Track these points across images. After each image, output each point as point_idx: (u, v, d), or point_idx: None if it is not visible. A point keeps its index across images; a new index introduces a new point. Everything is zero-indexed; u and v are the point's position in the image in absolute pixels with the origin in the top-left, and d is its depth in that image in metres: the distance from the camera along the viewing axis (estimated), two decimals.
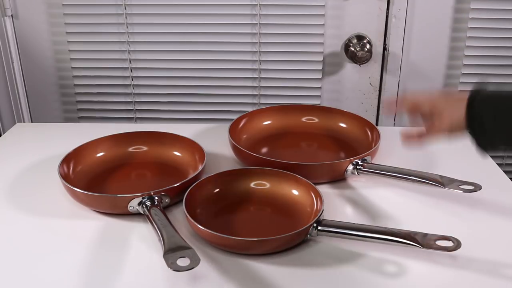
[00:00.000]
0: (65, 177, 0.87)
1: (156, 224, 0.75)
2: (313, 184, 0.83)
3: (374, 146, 0.95)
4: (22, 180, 0.94)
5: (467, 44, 1.32)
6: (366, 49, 1.33)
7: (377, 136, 0.99)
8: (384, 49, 1.36)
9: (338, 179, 0.93)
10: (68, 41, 1.37)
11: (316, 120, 1.10)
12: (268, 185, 0.88)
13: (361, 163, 0.91)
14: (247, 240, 0.74)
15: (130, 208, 0.81)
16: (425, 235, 0.73)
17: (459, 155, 1.02)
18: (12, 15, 1.36)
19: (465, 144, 1.06)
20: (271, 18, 1.33)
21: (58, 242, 0.78)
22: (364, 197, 0.89)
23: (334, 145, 1.05)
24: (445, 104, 0.80)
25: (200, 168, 0.88)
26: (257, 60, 1.37)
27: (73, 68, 1.40)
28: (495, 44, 1.32)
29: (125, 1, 1.32)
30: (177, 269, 0.64)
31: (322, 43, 1.35)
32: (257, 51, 1.36)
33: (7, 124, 1.42)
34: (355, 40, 1.34)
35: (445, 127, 0.79)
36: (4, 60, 1.37)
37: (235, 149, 0.97)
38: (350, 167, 0.91)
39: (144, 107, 1.44)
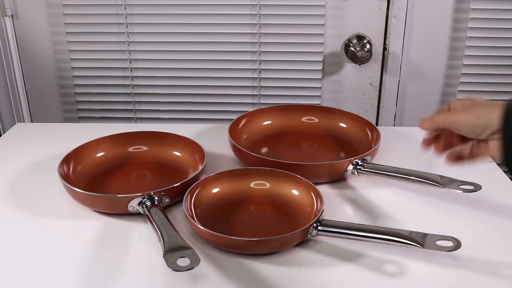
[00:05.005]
0: (65, 177, 0.87)
1: (156, 224, 0.75)
2: (313, 184, 0.83)
3: (374, 146, 0.95)
4: (22, 180, 0.94)
5: (467, 44, 1.32)
6: (366, 49, 1.33)
7: (377, 136, 0.99)
8: (384, 49, 1.36)
9: (338, 179, 0.93)
10: (68, 41, 1.37)
11: (316, 120, 1.10)
12: (268, 185, 0.87)
13: (361, 163, 0.91)
14: (247, 240, 0.74)
15: (130, 208, 0.81)
16: (425, 235, 0.73)
17: None
18: (12, 15, 1.36)
19: None
20: (271, 18, 1.33)
21: (58, 242, 0.78)
22: (364, 197, 0.89)
23: (334, 145, 1.05)
24: (469, 104, 0.71)
25: (200, 168, 0.88)
26: (257, 60, 1.37)
27: (73, 68, 1.40)
28: (495, 44, 1.32)
29: (125, 1, 1.32)
30: (177, 269, 0.64)
31: (322, 43, 1.35)
32: (257, 51, 1.36)
33: (7, 124, 1.42)
34: (355, 40, 1.34)
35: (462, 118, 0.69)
36: (4, 60, 1.37)
37: (235, 149, 0.97)
38: (350, 167, 0.91)
39: (144, 107, 1.44)
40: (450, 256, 0.73)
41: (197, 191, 0.83)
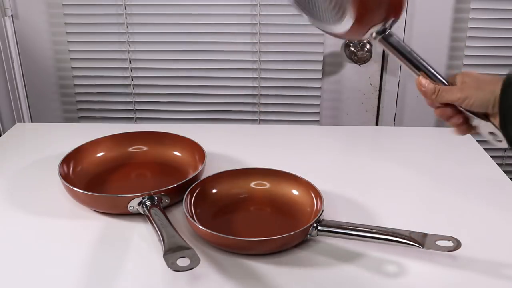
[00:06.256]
0: (65, 177, 0.87)
1: (156, 224, 0.75)
2: (313, 184, 0.83)
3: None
4: (22, 180, 0.94)
5: (467, 44, 1.32)
6: (366, 49, 1.33)
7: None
8: None
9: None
10: (68, 41, 1.37)
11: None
12: (268, 185, 0.87)
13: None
14: (247, 240, 0.74)
15: (130, 208, 0.81)
16: (425, 235, 0.73)
17: (460, 154, 1.02)
18: (12, 15, 1.36)
19: (465, 143, 1.07)
20: (271, 18, 1.33)
21: (58, 242, 0.78)
22: (364, 197, 0.89)
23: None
24: (471, 81, 0.72)
25: (200, 168, 0.88)
26: (257, 60, 1.37)
27: (73, 68, 1.40)
28: (495, 44, 1.32)
29: (125, 1, 1.32)
30: (177, 269, 0.64)
31: (322, 43, 1.35)
32: (257, 51, 1.36)
33: (7, 124, 1.42)
34: (355, 40, 1.34)
35: (462, 96, 0.71)
36: (4, 60, 1.37)
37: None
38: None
39: (144, 107, 1.44)
40: (450, 256, 0.73)
41: (197, 191, 0.83)
